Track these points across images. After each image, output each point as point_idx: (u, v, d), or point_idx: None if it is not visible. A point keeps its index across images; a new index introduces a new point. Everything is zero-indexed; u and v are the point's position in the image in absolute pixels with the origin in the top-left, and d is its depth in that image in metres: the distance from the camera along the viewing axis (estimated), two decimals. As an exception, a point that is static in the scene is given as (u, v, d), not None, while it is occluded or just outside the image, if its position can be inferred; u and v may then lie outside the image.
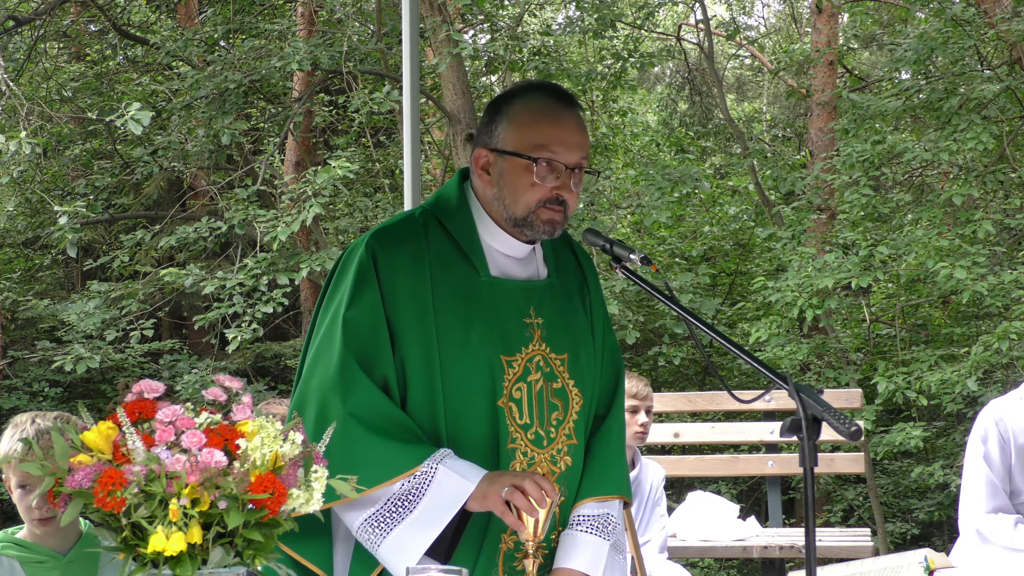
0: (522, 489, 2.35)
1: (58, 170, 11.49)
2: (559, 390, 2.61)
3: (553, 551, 2.59)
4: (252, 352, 11.47)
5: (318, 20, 11.29)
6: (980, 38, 9.39)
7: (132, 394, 1.96)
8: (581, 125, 2.61)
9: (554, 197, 2.54)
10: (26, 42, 10.82)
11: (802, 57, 11.89)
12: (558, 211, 2.55)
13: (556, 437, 2.59)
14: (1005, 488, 3.78)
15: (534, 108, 2.59)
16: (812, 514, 2.14)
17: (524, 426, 2.55)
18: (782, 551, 5.54)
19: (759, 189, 10.86)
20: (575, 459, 2.61)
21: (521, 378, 2.57)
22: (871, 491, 9.51)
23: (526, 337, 2.60)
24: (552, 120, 2.57)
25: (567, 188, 2.55)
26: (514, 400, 2.54)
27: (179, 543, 1.82)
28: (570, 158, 2.55)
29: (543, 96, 2.62)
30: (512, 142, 2.57)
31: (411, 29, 4.31)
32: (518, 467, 2.53)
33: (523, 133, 2.56)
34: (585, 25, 11.41)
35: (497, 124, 2.61)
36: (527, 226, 2.57)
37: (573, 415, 2.62)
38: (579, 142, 2.57)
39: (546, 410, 2.58)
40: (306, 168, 10.11)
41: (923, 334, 10.90)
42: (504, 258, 2.65)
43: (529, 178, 2.54)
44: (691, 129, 15.13)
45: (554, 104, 2.60)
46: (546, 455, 2.57)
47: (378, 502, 2.43)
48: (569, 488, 2.61)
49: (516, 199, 2.56)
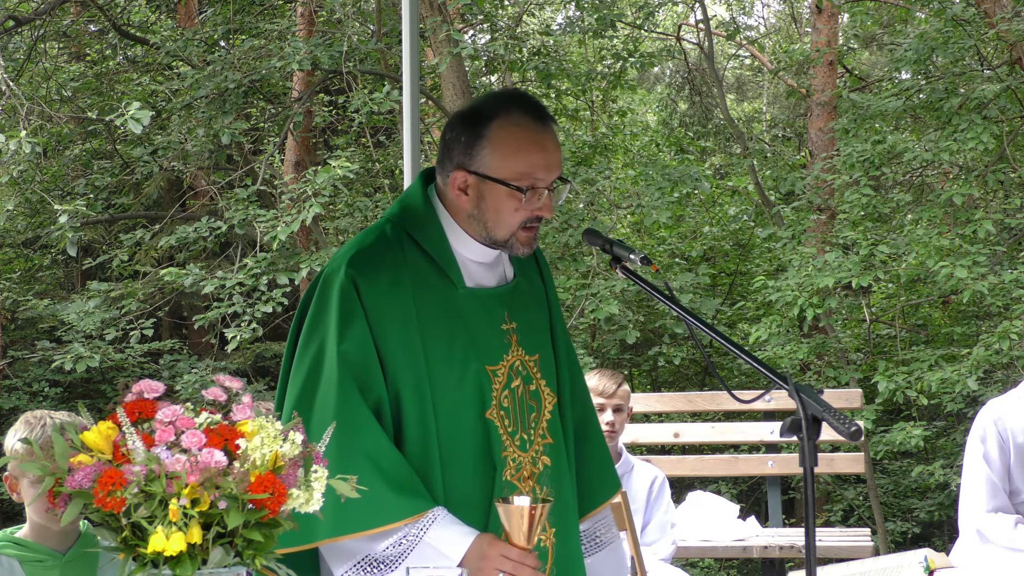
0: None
1: (58, 170, 11.48)
2: (534, 392, 2.64)
3: (544, 551, 2.60)
4: (252, 352, 11.46)
5: (318, 20, 11.29)
6: (980, 38, 9.39)
7: (132, 394, 1.96)
8: (557, 141, 2.63)
9: (535, 217, 2.58)
10: (26, 42, 10.82)
11: (802, 57, 11.89)
12: (536, 228, 2.60)
13: (534, 439, 2.61)
14: (1005, 488, 3.78)
15: (516, 133, 2.57)
16: (812, 514, 2.14)
17: (512, 432, 2.58)
18: (782, 551, 5.54)
19: (759, 189, 10.86)
20: (552, 458, 2.63)
21: (506, 386, 2.59)
22: (871, 491, 9.51)
23: (505, 344, 2.62)
24: (536, 147, 2.57)
25: (548, 209, 2.58)
26: (503, 409, 2.57)
27: (179, 543, 1.82)
28: (550, 179, 2.57)
29: (522, 116, 2.59)
30: (495, 169, 2.55)
31: (411, 29, 4.31)
32: (508, 474, 2.55)
33: (508, 161, 2.55)
34: (585, 25, 11.41)
35: (477, 147, 2.58)
36: (506, 246, 2.61)
37: (546, 415, 2.65)
38: (558, 161, 2.60)
39: (526, 413, 2.61)
40: (306, 168, 10.11)
41: (923, 334, 10.90)
42: (475, 266, 2.66)
43: (514, 204, 2.55)
44: (691, 129, 15.13)
45: (534, 125, 2.59)
46: (528, 458, 2.60)
47: (356, 555, 2.47)
48: (552, 486, 2.63)
49: (499, 223, 2.58)
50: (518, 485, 2.57)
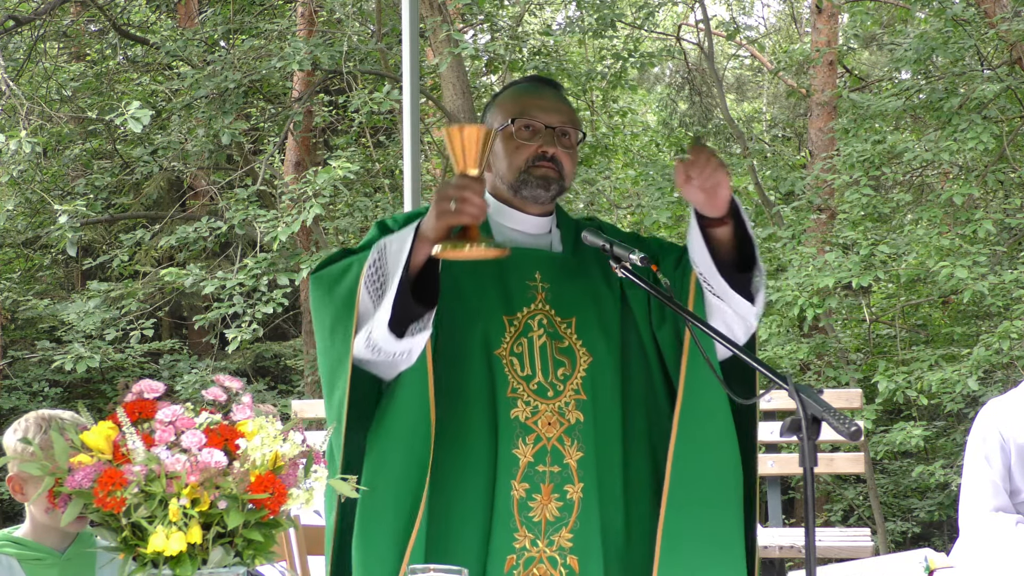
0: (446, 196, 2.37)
1: (58, 170, 11.49)
2: (565, 348, 2.66)
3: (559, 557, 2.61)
4: (252, 352, 11.47)
5: (318, 20, 11.29)
6: (980, 38, 9.39)
7: (132, 394, 1.96)
8: (561, 98, 2.75)
9: (541, 154, 2.64)
10: (26, 42, 10.82)
11: (802, 57, 11.89)
12: (549, 167, 2.65)
13: (563, 391, 2.63)
14: (1005, 488, 3.77)
15: (514, 90, 2.76)
16: (812, 514, 2.14)
17: (526, 377, 2.61)
18: (782, 551, 5.54)
19: (759, 189, 10.86)
20: (586, 415, 2.63)
21: (522, 334, 2.63)
22: (871, 491, 9.51)
23: (528, 298, 2.66)
24: (529, 93, 2.72)
25: (551, 144, 2.65)
26: (515, 354, 2.61)
27: (179, 543, 1.82)
28: (549, 119, 2.66)
29: (525, 81, 2.81)
30: (496, 122, 2.70)
31: (411, 29, 4.31)
32: (520, 415, 2.58)
33: (504, 110, 2.70)
34: (585, 25, 11.41)
35: (487, 116, 2.76)
36: (523, 186, 2.66)
37: (581, 371, 2.65)
38: (557, 107, 2.69)
39: (551, 365, 2.63)
40: (306, 168, 10.11)
41: (923, 334, 10.90)
42: (512, 231, 2.72)
43: (513, 142, 2.65)
44: (691, 129, 15.13)
45: (533, 83, 2.78)
46: (552, 406, 2.61)
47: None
48: (584, 443, 2.62)
49: (508, 165, 2.67)
50: (535, 429, 2.58)
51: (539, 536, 2.58)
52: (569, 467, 2.60)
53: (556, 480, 2.59)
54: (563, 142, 2.67)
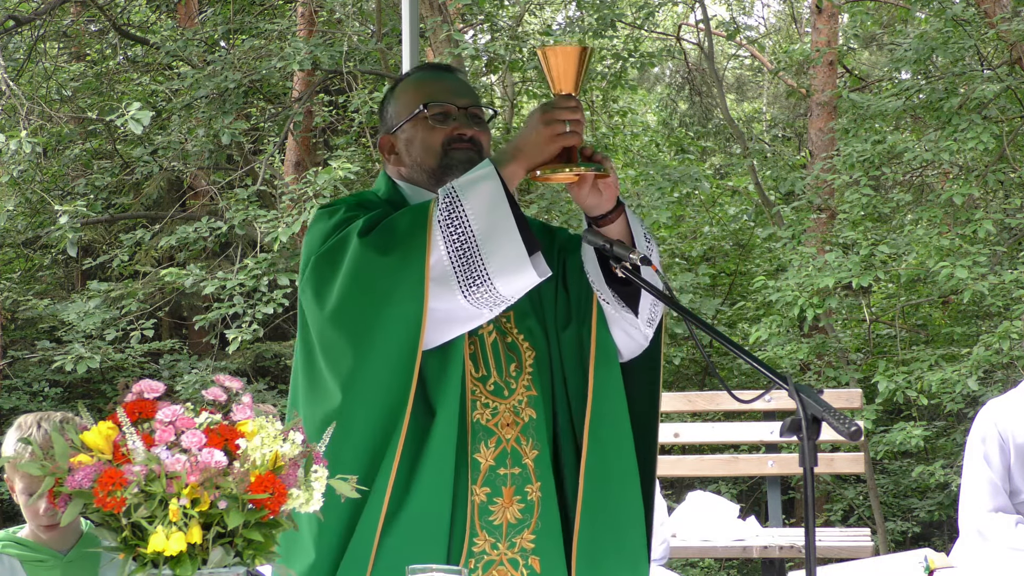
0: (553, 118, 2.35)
1: (58, 170, 11.48)
2: (510, 344, 2.64)
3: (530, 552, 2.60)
4: (252, 352, 11.46)
5: (318, 20, 11.29)
6: (980, 38, 9.39)
7: (132, 394, 1.96)
8: (460, 80, 2.75)
9: (458, 136, 2.63)
10: (26, 42, 10.82)
11: (802, 57, 11.89)
12: (469, 146, 2.63)
13: (516, 388, 2.61)
14: (1005, 488, 3.78)
15: (415, 78, 2.76)
16: (812, 514, 2.14)
17: (481, 378, 2.58)
18: (782, 551, 5.54)
19: (759, 189, 10.86)
20: (538, 412, 2.62)
21: (473, 331, 2.57)
22: (871, 491, 9.51)
23: None
24: (433, 78, 2.72)
25: (468, 125, 2.64)
26: (470, 356, 2.57)
27: (179, 543, 1.82)
28: (460, 101, 2.66)
29: (419, 71, 2.80)
30: (402, 113, 2.68)
31: (411, 29, 4.31)
32: (482, 418, 2.55)
33: (407, 100, 2.69)
34: (585, 25, 11.41)
35: (388, 113, 2.73)
36: (447, 171, 2.61)
37: (527, 367, 2.64)
38: (460, 90, 2.69)
39: (503, 362, 2.62)
40: (306, 168, 10.11)
41: (923, 334, 10.90)
42: None
43: (425, 127, 2.64)
44: (691, 129, 15.13)
45: (432, 69, 2.78)
46: (508, 405, 2.59)
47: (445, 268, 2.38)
48: (538, 440, 2.60)
49: (425, 152, 2.64)
50: (496, 431, 2.56)
51: (500, 539, 2.55)
52: (527, 467, 2.58)
53: (517, 482, 2.57)
54: (476, 122, 2.67)
